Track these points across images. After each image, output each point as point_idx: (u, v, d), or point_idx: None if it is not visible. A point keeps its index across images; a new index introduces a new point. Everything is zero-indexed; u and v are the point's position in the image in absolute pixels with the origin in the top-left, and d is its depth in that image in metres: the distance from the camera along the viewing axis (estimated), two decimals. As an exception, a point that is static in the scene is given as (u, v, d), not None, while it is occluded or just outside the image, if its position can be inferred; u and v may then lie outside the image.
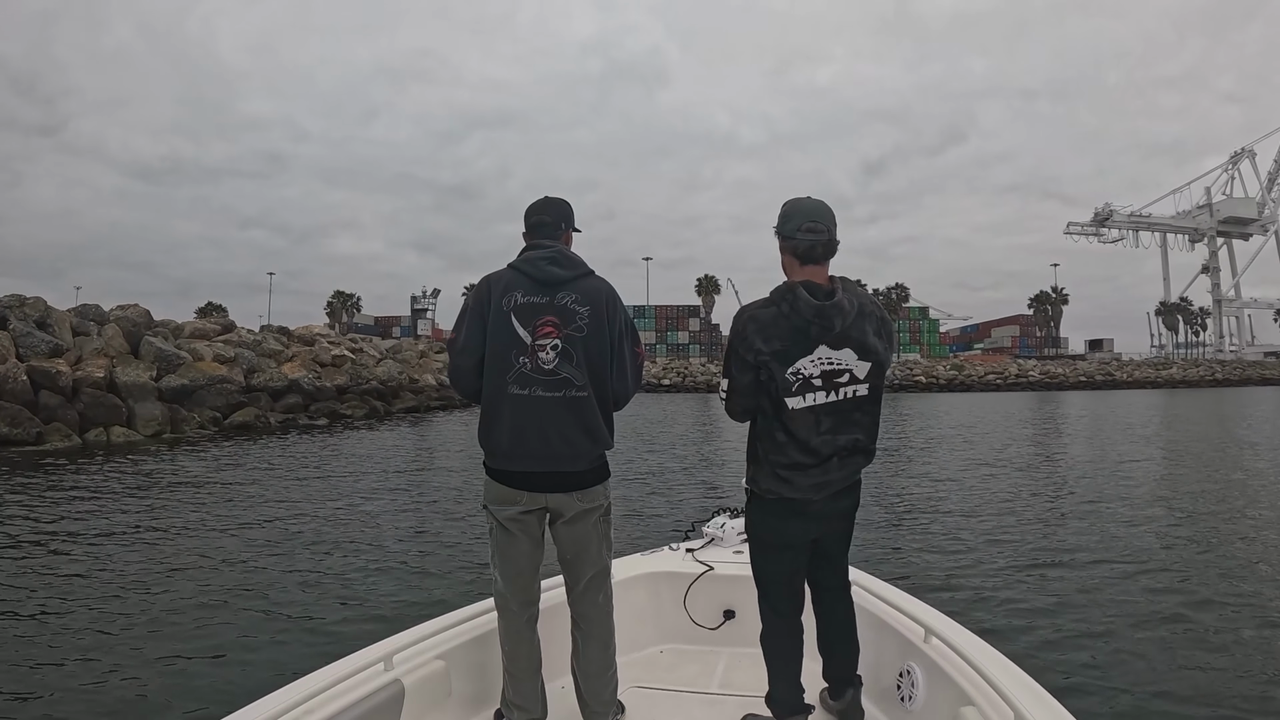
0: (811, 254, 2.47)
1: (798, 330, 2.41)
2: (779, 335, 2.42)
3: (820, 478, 2.49)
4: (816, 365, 2.44)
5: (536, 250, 2.61)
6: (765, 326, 2.43)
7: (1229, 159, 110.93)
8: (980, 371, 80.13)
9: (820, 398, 2.45)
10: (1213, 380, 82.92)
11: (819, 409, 2.46)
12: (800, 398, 2.44)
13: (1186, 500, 11.02)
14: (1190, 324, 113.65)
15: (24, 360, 20.41)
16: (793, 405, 2.44)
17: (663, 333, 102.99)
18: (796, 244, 2.47)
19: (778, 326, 2.42)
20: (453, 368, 2.67)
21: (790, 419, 2.45)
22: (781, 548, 2.62)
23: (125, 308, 26.38)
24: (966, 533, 8.73)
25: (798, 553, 2.64)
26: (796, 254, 2.48)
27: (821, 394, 2.45)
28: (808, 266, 2.48)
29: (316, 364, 30.93)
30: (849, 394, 2.48)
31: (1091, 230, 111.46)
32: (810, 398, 2.45)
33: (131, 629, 5.52)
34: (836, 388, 2.46)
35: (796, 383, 2.43)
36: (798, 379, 2.43)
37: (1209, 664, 4.87)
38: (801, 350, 2.42)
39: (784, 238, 2.51)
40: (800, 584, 2.70)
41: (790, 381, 2.43)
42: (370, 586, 6.61)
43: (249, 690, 2.70)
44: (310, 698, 2.20)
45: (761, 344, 2.42)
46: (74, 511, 10.14)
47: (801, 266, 2.49)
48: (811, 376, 2.44)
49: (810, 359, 2.43)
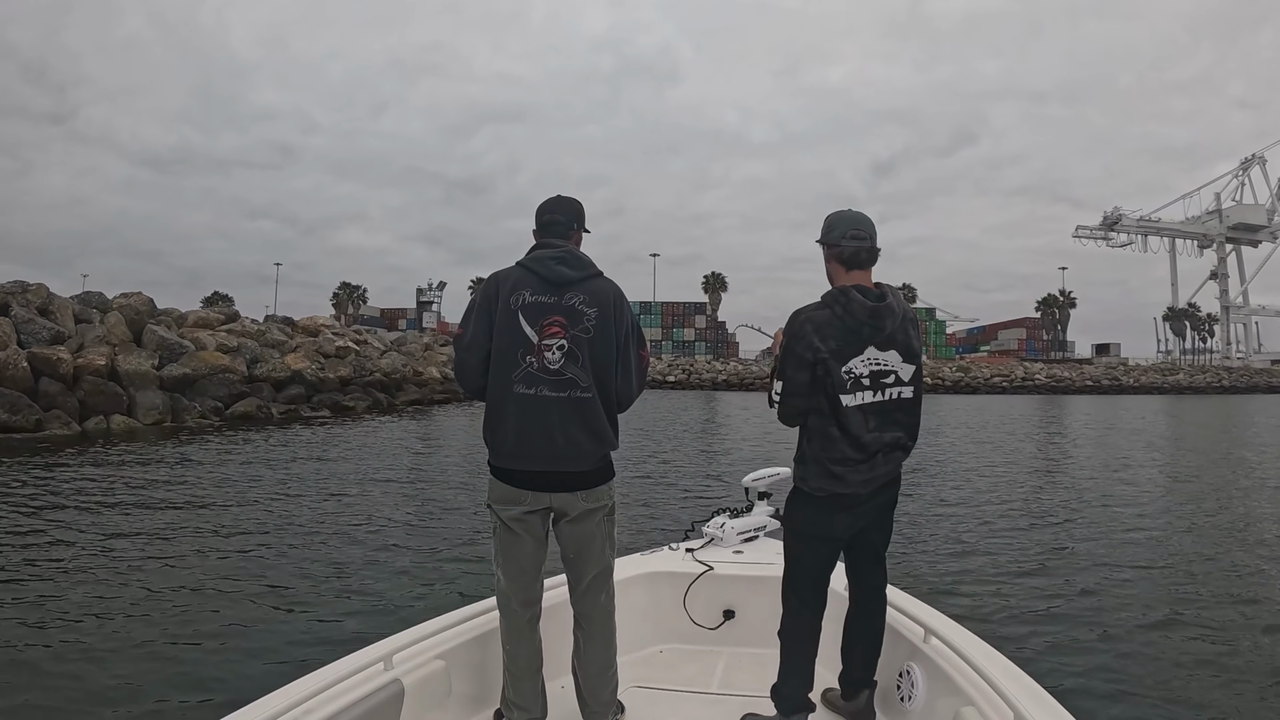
0: (857, 259, 2.62)
1: (850, 331, 2.54)
2: (834, 335, 2.53)
3: (869, 473, 2.60)
4: (866, 365, 2.56)
5: (546, 249, 2.62)
6: (821, 327, 2.54)
7: (1239, 165, 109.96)
8: (986, 374, 79.68)
9: (868, 397, 2.57)
10: (1219, 387, 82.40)
11: (866, 408, 2.57)
12: (853, 395, 2.55)
13: (1189, 505, 10.99)
14: (1198, 330, 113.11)
15: (25, 347, 20.25)
16: (846, 402, 2.54)
17: (669, 330, 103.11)
18: (842, 250, 2.62)
19: (832, 327, 2.54)
20: (458, 363, 2.66)
21: (845, 416, 2.54)
22: (825, 540, 2.71)
23: (128, 296, 26.28)
24: (967, 534, 8.72)
25: (837, 546, 2.74)
26: (842, 260, 2.63)
27: (869, 394, 2.57)
28: (853, 272, 2.63)
29: (320, 355, 30.80)
30: (894, 395, 2.62)
31: (1100, 234, 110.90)
32: (860, 396, 2.56)
33: (127, 625, 5.45)
34: (883, 388, 2.59)
35: (849, 381, 2.54)
36: (850, 377, 2.55)
37: (1209, 666, 4.88)
38: (854, 350, 2.55)
39: (829, 245, 2.66)
40: (828, 581, 2.76)
41: (845, 380, 2.54)
42: (370, 585, 6.54)
43: (249, 689, 2.69)
44: (310, 697, 2.19)
45: (819, 342, 2.53)
46: (68, 500, 10.02)
47: (848, 272, 2.63)
48: (861, 376, 2.56)
49: (860, 359, 2.55)
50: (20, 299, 21.90)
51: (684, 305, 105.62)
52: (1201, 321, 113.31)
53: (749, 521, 4.07)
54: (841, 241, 2.61)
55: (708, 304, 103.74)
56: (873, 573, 2.82)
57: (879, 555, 2.82)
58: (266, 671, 4.43)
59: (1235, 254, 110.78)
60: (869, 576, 2.82)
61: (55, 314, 22.53)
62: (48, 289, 23.15)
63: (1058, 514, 10.09)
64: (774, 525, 4.09)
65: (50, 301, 22.82)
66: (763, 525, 4.09)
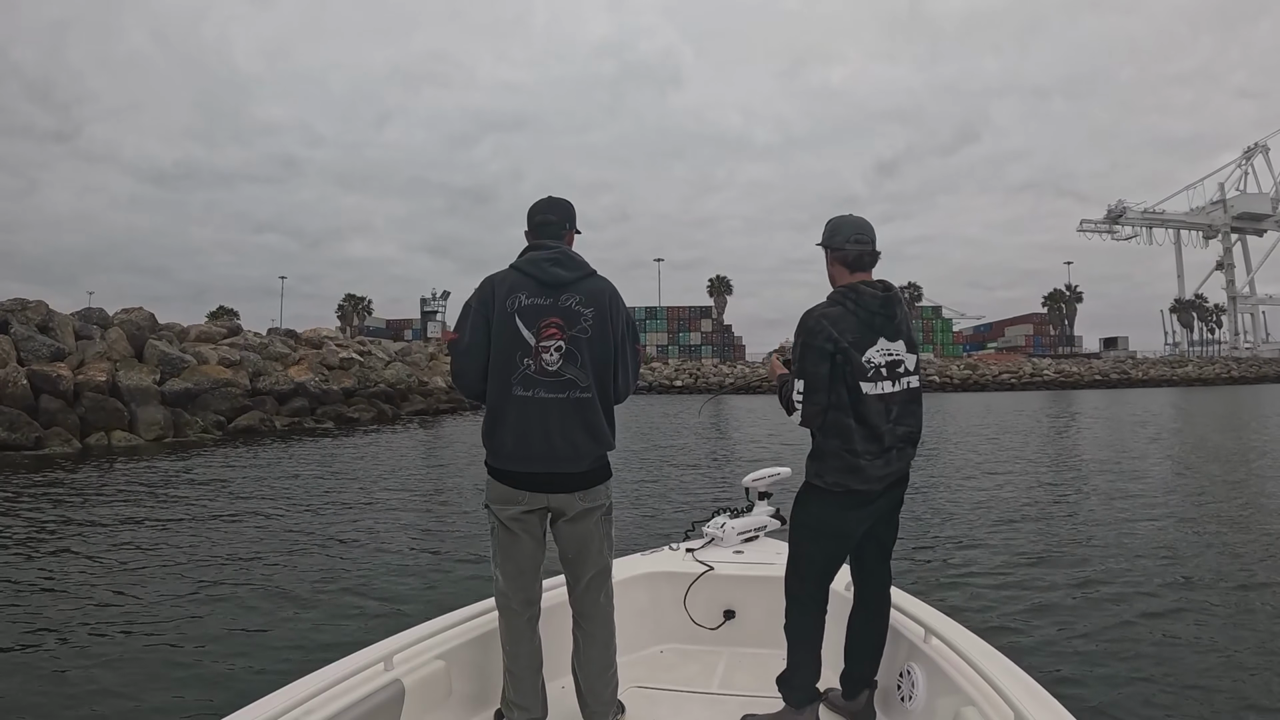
0: (860, 262, 2.70)
1: (863, 323, 2.60)
2: (849, 328, 2.58)
3: (884, 469, 2.62)
4: (881, 356, 2.61)
5: (540, 251, 2.62)
6: (837, 320, 2.59)
7: (1242, 154, 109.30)
8: (995, 371, 79.36)
9: (887, 387, 2.62)
10: (1228, 378, 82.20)
11: (887, 397, 2.62)
12: (874, 384, 2.59)
13: (1192, 500, 10.81)
14: (1206, 321, 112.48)
15: (25, 364, 20.10)
16: (867, 390, 2.58)
17: (674, 334, 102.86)
18: (846, 254, 2.70)
19: (846, 321, 2.59)
20: (456, 369, 2.66)
21: (865, 405, 2.58)
22: (836, 537, 2.72)
23: (129, 311, 26.13)
24: (968, 533, 8.62)
25: (848, 544, 2.75)
26: (846, 263, 2.71)
27: (888, 383, 2.63)
28: (857, 274, 2.70)
29: (324, 367, 30.59)
30: (907, 384, 2.68)
31: (1105, 227, 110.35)
32: (881, 386, 2.61)
33: (129, 626, 5.47)
34: (897, 378, 2.65)
35: (870, 369, 2.59)
36: (870, 366, 2.59)
37: (1210, 665, 4.82)
38: (868, 342, 2.60)
39: (833, 249, 2.73)
40: (833, 578, 2.78)
41: (866, 368, 2.58)
42: (370, 586, 6.53)
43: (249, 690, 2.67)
44: (310, 698, 2.18)
45: (837, 334, 2.57)
46: (68, 512, 9.99)
47: (851, 274, 2.71)
48: (880, 366, 2.61)
49: (875, 350, 2.60)
50: (20, 316, 21.71)
51: (689, 309, 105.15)
52: (1209, 313, 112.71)
53: (749, 521, 4.05)
54: (846, 245, 2.69)
55: (713, 307, 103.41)
56: (879, 571, 2.83)
57: (886, 553, 2.84)
58: (267, 672, 4.46)
59: (1240, 244, 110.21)
60: (875, 574, 2.83)
61: (56, 331, 22.35)
62: (47, 305, 22.96)
63: (1058, 512, 9.96)
64: (774, 525, 4.10)
65: (50, 318, 22.63)
66: (763, 525, 4.07)
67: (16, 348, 20.48)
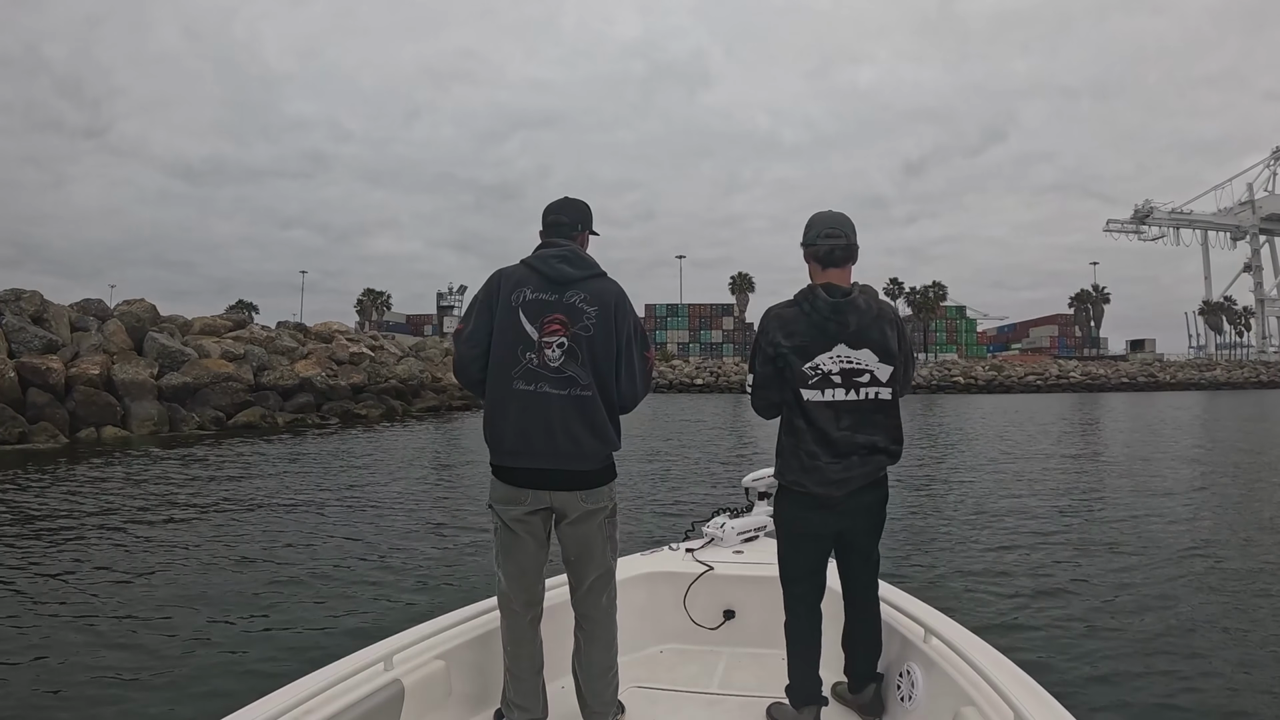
0: (831, 258, 2.63)
1: (816, 327, 2.56)
2: (800, 331, 2.57)
3: (842, 474, 2.55)
4: (836, 363, 2.55)
5: (550, 248, 2.61)
6: (787, 323, 2.59)
7: (1271, 155, 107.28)
8: (1020, 372, 77.95)
9: (840, 394, 2.56)
10: (1257, 382, 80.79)
11: (838, 405, 2.56)
12: (818, 392, 2.55)
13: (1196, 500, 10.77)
14: (1234, 324, 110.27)
15: (15, 356, 19.30)
16: (808, 398, 2.56)
17: (696, 332, 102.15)
18: (817, 249, 2.64)
19: (798, 323, 2.58)
20: (457, 357, 2.63)
21: (809, 410, 2.55)
22: (806, 538, 2.69)
23: (130, 303, 25.43)
24: (968, 533, 8.63)
25: (821, 542, 2.71)
26: (818, 259, 2.65)
27: (841, 390, 2.56)
28: (829, 270, 2.63)
29: (333, 362, 29.67)
30: (870, 395, 2.59)
31: (1132, 228, 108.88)
32: (830, 393, 2.56)
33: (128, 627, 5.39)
34: (857, 387, 2.57)
35: (815, 377, 2.55)
36: (816, 374, 2.56)
37: (1211, 665, 4.78)
38: (821, 347, 2.56)
39: (806, 246, 2.69)
40: (823, 575, 2.75)
41: (808, 375, 2.56)
42: (370, 586, 6.46)
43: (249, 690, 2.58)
44: (310, 698, 2.14)
45: (782, 339, 2.57)
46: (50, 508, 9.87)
47: (823, 271, 2.64)
48: (831, 373, 2.55)
49: (829, 356, 2.55)
50: (14, 306, 20.97)
51: (711, 307, 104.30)
52: (1238, 315, 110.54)
53: (749, 521, 4.03)
54: (817, 241, 2.64)
55: (735, 305, 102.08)
56: (861, 571, 2.79)
57: (866, 555, 2.78)
58: (267, 672, 4.40)
59: (1269, 245, 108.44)
60: (858, 575, 2.79)
61: (50, 322, 21.58)
62: (42, 295, 22.20)
63: (1059, 512, 9.87)
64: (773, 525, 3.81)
65: (45, 309, 21.85)
66: (763, 525, 4.03)
67: (8, 339, 19.72)
